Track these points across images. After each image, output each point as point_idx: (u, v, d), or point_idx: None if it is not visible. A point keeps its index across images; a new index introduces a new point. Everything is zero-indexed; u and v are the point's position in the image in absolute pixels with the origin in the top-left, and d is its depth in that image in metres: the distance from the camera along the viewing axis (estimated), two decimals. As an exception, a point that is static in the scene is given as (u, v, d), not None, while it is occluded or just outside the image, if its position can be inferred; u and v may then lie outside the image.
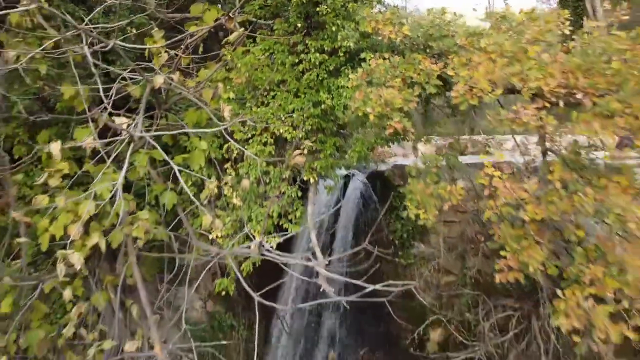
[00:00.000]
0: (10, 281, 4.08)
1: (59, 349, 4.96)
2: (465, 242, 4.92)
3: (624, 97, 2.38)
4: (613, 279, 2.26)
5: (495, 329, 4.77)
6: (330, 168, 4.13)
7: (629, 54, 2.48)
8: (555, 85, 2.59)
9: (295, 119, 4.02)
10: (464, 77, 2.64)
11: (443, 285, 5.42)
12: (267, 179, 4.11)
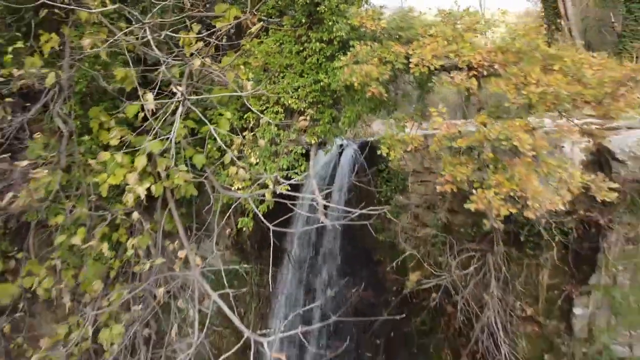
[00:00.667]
0: (86, 211, 5.33)
1: (108, 284, 6.18)
2: (436, 197, 6.15)
3: (522, 67, 3.64)
4: (509, 181, 3.49)
5: (460, 266, 5.99)
6: (328, 132, 5.38)
7: (527, 37, 3.73)
8: (481, 59, 3.85)
9: (300, 93, 5.28)
10: (418, 53, 3.89)
11: (421, 236, 6.65)
12: (278, 140, 5.36)
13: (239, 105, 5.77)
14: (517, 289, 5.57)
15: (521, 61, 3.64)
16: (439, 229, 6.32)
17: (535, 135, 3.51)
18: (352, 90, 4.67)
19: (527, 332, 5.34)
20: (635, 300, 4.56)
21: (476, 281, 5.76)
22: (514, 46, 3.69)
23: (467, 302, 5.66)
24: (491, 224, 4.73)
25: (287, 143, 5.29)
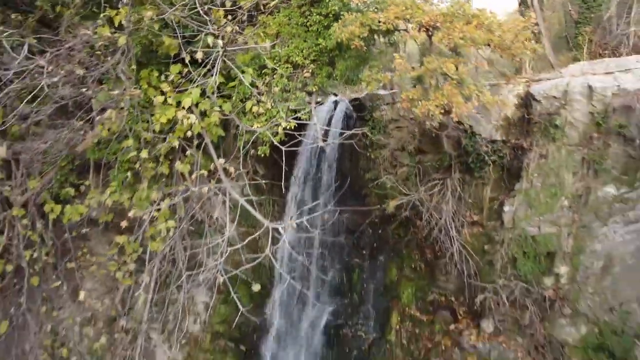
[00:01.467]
0: (146, 134, 7.22)
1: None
2: (409, 138, 8.04)
3: (453, 23, 5.56)
4: (442, 96, 5.36)
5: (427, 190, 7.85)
6: (325, 83, 7.30)
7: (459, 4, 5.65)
8: (429, 19, 5.77)
9: (304, 53, 7.20)
10: (385, 16, 5.80)
11: (399, 173, 8.52)
12: (287, 88, 7.28)
13: (257, 66, 7.68)
14: (468, 202, 7.46)
15: (454, 20, 5.53)
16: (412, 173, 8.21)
17: (460, 67, 5.40)
18: (342, 48, 6.60)
19: (473, 232, 7.22)
20: (543, 197, 6.45)
21: (438, 199, 7.63)
22: (450, 10, 5.58)
23: (431, 214, 7.54)
24: (448, 152, 6.66)
25: (294, 90, 7.21)
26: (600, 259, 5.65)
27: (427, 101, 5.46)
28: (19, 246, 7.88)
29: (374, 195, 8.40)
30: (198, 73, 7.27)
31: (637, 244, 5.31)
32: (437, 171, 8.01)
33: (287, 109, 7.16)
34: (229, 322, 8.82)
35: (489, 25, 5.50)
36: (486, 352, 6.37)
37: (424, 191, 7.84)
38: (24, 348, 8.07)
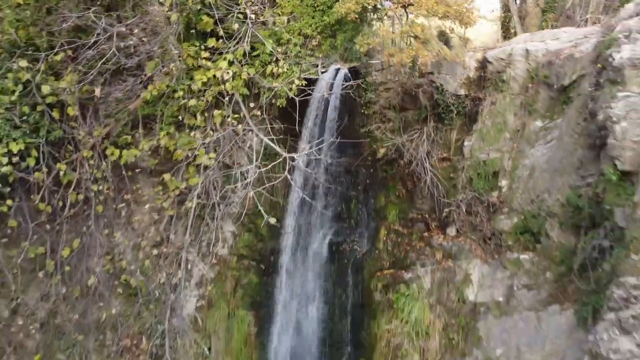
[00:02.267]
0: (194, 86, 9.44)
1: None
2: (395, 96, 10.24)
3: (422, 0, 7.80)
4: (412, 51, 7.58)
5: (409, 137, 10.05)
6: (329, 51, 9.53)
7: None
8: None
9: (312, 27, 9.44)
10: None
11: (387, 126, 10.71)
12: (300, 54, 9.51)
13: (276, 39, 9.91)
14: (439, 143, 9.68)
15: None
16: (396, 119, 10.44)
17: (425, 30, 7.61)
18: (342, 22, 8.85)
19: (442, 165, 9.44)
20: (492, 132, 8.66)
21: (416, 142, 9.85)
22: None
23: (411, 154, 9.74)
24: (424, 103, 8.93)
25: (305, 55, 9.45)
26: (527, 170, 7.87)
27: (402, 54, 7.69)
28: (87, 181, 10.11)
29: (367, 143, 10.62)
30: (227, 46, 9.58)
31: (548, 156, 7.52)
32: (417, 122, 10.22)
33: (300, 70, 9.40)
34: (250, 246, 11.08)
35: (447, 1, 7.73)
36: (449, 248, 8.60)
37: (406, 137, 10.06)
38: (92, 261, 10.31)
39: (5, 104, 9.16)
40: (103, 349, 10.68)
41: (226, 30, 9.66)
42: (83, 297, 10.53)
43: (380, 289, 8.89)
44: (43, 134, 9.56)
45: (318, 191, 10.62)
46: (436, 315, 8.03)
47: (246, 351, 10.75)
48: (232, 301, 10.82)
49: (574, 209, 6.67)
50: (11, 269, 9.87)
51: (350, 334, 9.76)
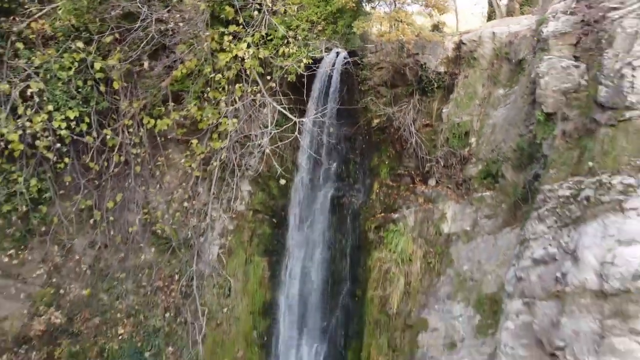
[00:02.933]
0: (222, 61, 11.42)
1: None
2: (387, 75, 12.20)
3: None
4: (398, 32, 9.53)
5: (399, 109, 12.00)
6: (331, 36, 11.51)
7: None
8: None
9: (317, 15, 11.43)
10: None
11: (380, 101, 12.67)
12: (306, 37, 11.49)
13: (287, 25, 11.88)
14: (423, 112, 11.63)
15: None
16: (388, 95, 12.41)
17: (408, 15, 9.56)
18: (342, 10, 10.84)
19: (425, 130, 11.39)
20: (465, 100, 10.63)
21: (404, 112, 11.81)
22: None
23: (400, 121, 11.69)
24: (410, 79, 10.92)
25: (311, 37, 11.42)
26: (491, 128, 9.84)
27: (390, 34, 9.67)
28: (127, 145, 12.08)
29: (363, 114, 12.57)
30: (246, 31, 11.56)
31: (506, 115, 9.48)
32: (405, 96, 12.15)
33: (307, 51, 11.39)
34: (264, 203, 13.05)
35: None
36: (429, 194, 10.57)
37: (396, 109, 12.02)
38: (131, 213, 12.29)
39: (64, 79, 11.13)
40: (139, 289, 12.64)
41: (245, 18, 11.65)
42: (123, 245, 12.51)
43: (373, 230, 10.86)
44: (93, 104, 11.53)
45: (321, 155, 12.60)
46: (418, 246, 9.99)
47: (261, 291, 12.73)
48: (249, 249, 12.79)
49: (521, 151, 8.62)
50: (66, 217, 11.83)
51: (349, 272, 11.74)
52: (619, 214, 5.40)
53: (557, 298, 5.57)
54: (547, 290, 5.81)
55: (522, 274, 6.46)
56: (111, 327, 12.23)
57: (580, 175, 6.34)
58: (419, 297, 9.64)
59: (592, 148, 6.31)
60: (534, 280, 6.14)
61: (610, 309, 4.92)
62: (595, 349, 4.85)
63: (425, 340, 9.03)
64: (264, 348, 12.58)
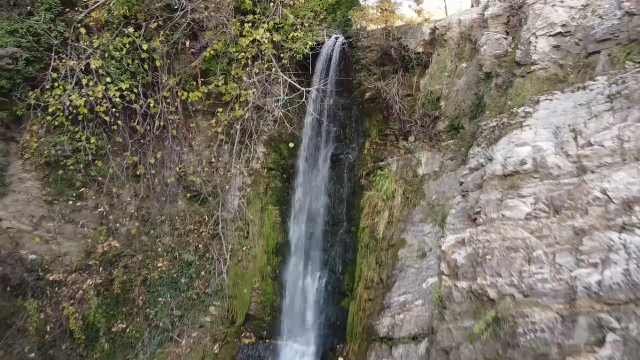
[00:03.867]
0: (243, 43, 14.30)
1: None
2: (377, 55, 15.06)
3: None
4: (383, 17, 12.35)
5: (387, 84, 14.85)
6: (332, 23, 14.38)
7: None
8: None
9: (320, 5, 14.31)
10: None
11: (372, 77, 15.53)
12: (311, 24, 14.37)
13: (295, 14, 14.77)
14: (405, 85, 14.50)
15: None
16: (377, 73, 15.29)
17: (391, 4, 12.40)
18: (339, 1, 13.73)
19: (407, 99, 14.29)
20: (437, 73, 13.51)
21: (390, 85, 14.68)
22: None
23: (386, 92, 14.55)
24: (395, 59, 13.81)
25: (315, 25, 14.31)
26: (455, 92, 12.69)
27: (378, 20, 12.53)
28: (165, 113, 14.97)
29: (357, 88, 15.46)
30: (262, 20, 14.46)
31: (465, 81, 12.36)
32: (391, 72, 15.05)
33: (312, 35, 14.28)
34: (276, 162, 15.91)
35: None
36: (409, 147, 13.42)
37: (384, 83, 14.91)
38: (168, 169, 15.16)
39: (117, 58, 14.04)
40: (174, 231, 15.53)
41: (261, 9, 14.54)
42: (161, 195, 15.39)
43: (364, 176, 13.74)
44: (139, 79, 14.43)
45: (323, 120, 15.48)
46: (399, 185, 12.84)
47: (274, 234, 15.61)
48: (264, 199, 15.67)
49: (474, 106, 11.47)
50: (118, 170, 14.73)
51: (345, 214, 14.61)
52: (519, 129, 8.20)
53: (480, 187, 8.38)
54: (475, 184, 8.61)
55: (462, 179, 9.28)
56: (152, 261, 15.11)
57: (503, 112, 9.16)
58: (399, 224, 12.49)
59: (511, 92, 9.12)
60: (469, 180, 8.95)
61: (508, 184, 7.73)
62: (498, 208, 7.66)
63: (404, 254, 11.88)
64: (276, 279, 15.45)
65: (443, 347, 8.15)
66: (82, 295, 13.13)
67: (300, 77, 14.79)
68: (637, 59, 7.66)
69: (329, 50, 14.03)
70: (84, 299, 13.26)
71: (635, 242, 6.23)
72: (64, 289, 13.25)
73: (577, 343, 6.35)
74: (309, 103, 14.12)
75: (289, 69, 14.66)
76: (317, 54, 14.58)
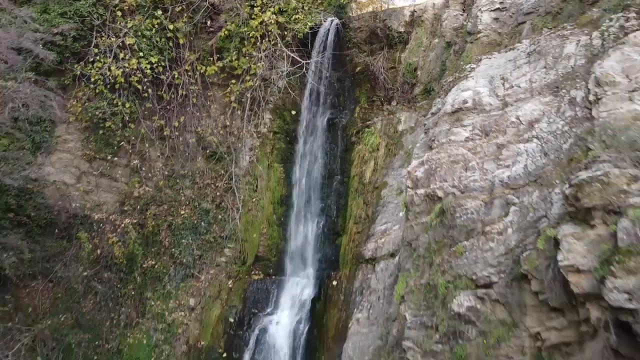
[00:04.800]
0: (252, 21, 17.11)
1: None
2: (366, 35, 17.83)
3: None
4: (377, 2, 15.11)
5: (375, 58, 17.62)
6: (327, 6, 17.18)
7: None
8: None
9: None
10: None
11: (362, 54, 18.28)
12: (310, 8, 17.16)
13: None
14: (389, 59, 17.30)
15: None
16: (367, 50, 18.08)
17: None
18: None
19: (390, 71, 17.10)
20: (415, 48, 16.32)
21: (377, 59, 17.46)
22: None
23: (373, 65, 17.33)
24: (382, 37, 16.64)
25: (314, 8, 17.10)
26: (429, 63, 15.49)
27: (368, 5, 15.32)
28: (187, 84, 17.81)
29: (350, 63, 18.27)
30: (269, 4, 17.27)
31: (436, 53, 15.17)
32: (378, 50, 17.87)
33: (311, 17, 17.08)
34: (281, 127, 18.75)
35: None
36: (391, 109, 16.24)
37: (372, 59, 17.72)
38: (189, 132, 18.01)
39: (148, 36, 16.87)
40: (194, 185, 18.38)
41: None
42: (183, 154, 18.24)
43: (355, 134, 16.58)
44: (166, 54, 17.28)
45: (321, 90, 18.30)
46: (382, 140, 15.67)
47: (279, 187, 18.46)
48: (270, 158, 18.51)
49: (441, 71, 14.32)
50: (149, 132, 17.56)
51: (339, 168, 17.47)
52: (465, 80, 10.97)
53: (436, 124, 11.21)
54: (434, 123, 11.44)
55: (426, 121, 12.11)
56: (176, 209, 17.96)
57: (457, 71, 11.96)
58: (383, 170, 15.34)
59: (463, 55, 11.91)
60: (430, 121, 11.76)
61: (454, 118, 10.51)
62: (446, 135, 10.46)
63: (385, 193, 14.73)
64: (281, 226, 18.31)
65: (408, 241, 11.00)
66: (123, 229, 15.97)
67: (301, 52, 17.60)
68: (550, 26, 10.43)
69: (325, 31, 16.82)
70: (124, 232, 16.10)
71: (532, 147, 9.06)
72: (107, 226, 16.11)
73: (493, 217, 9.20)
74: (309, 74, 16.92)
75: (291, 46, 17.46)
76: (315, 34, 17.36)
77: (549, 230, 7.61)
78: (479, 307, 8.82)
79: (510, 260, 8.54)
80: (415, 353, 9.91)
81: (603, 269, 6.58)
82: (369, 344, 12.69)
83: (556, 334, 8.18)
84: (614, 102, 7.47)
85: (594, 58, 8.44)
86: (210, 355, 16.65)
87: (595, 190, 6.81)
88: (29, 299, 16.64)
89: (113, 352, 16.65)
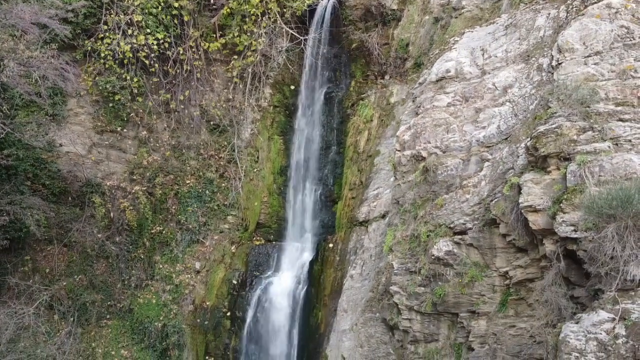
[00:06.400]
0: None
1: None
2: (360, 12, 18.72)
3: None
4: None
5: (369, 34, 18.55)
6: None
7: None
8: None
9: (315, -28, 18.01)
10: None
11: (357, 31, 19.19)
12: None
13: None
14: (383, 36, 18.23)
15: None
16: (362, 27, 19.03)
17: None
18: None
19: (384, 47, 18.04)
20: (407, 24, 17.26)
21: (372, 36, 18.39)
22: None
23: (368, 42, 18.26)
24: (376, 15, 17.56)
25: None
26: (420, 38, 16.45)
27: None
28: (191, 60, 18.77)
29: (346, 40, 19.18)
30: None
31: (427, 29, 16.12)
32: (372, 27, 18.76)
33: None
34: (281, 101, 19.75)
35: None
36: (384, 83, 17.23)
37: (367, 35, 18.64)
38: (193, 106, 19.03)
39: (154, 13, 17.78)
40: (199, 156, 19.44)
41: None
42: (188, 126, 19.28)
43: (349, 106, 17.63)
44: (171, 31, 18.20)
45: (319, 65, 19.26)
46: (376, 111, 16.70)
47: (278, 158, 19.55)
48: (270, 130, 19.56)
49: (429, 45, 15.30)
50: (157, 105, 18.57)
51: (335, 139, 18.54)
52: (449, 51, 11.98)
53: (422, 93, 12.26)
54: (420, 91, 12.50)
55: (413, 91, 13.15)
56: (182, 179, 19.06)
57: (443, 44, 12.97)
58: (375, 140, 16.41)
59: (449, 29, 12.90)
60: (417, 90, 12.81)
61: (438, 86, 11.52)
62: (431, 101, 11.54)
63: (378, 161, 15.82)
64: (281, 194, 19.44)
65: (396, 199, 12.16)
66: (134, 195, 17.11)
67: (300, 30, 18.54)
68: (526, 1, 11.42)
69: (322, 8, 17.74)
70: (135, 198, 17.25)
71: (504, 110, 10.16)
72: (118, 192, 17.24)
73: (470, 172, 10.33)
74: (307, 50, 17.89)
75: (290, 23, 18.39)
76: (313, 11, 18.27)
77: (514, 178, 8.76)
78: (455, 251, 10.00)
79: (483, 208, 9.70)
80: (401, 296, 11.16)
81: (555, 207, 7.74)
82: (361, 296, 13.92)
83: (521, 271, 9.41)
84: (572, 66, 8.53)
85: (559, 29, 9.47)
86: (215, 314, 17.91)
87: (550, 141, 7.93)
88: (45, 262, 17.84)
89: (125, 311, 17.90)
